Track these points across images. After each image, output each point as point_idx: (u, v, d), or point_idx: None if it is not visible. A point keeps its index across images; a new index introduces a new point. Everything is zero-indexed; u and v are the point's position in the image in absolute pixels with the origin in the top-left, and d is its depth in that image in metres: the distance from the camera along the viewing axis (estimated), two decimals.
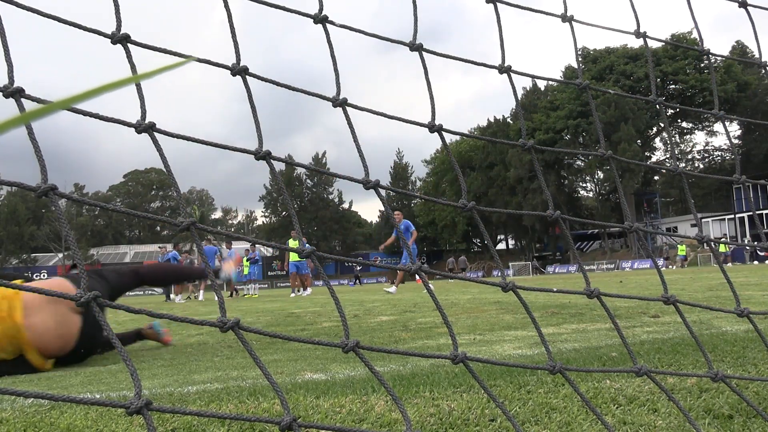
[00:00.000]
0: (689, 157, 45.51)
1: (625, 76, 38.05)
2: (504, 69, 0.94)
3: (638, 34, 1.09)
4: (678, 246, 29.85)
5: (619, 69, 38.29)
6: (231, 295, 13.57)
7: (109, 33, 0.55)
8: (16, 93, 0.47)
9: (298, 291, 12.29)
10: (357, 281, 35.42)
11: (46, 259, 44.93)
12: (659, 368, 1.51)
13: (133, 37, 0.61)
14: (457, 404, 1.19)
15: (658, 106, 1.08)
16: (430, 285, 0.82)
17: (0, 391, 0.50)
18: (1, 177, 0.49)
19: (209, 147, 0.63)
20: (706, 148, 45.74)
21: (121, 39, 0.55)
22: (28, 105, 0.47)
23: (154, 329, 2.91)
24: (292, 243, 12.48)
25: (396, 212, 10.38)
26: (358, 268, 37.59)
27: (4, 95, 0.46)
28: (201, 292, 12.84)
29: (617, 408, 1.17)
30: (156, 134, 0.58)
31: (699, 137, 52.65)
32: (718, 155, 44.84)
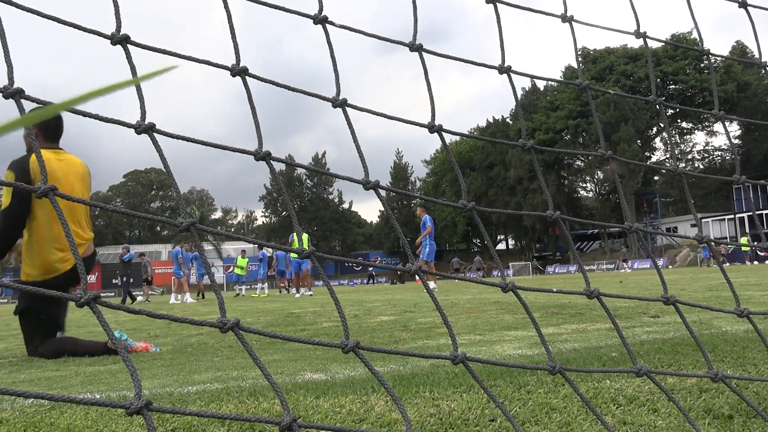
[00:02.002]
0: (689, 157, 45.49)
1: (625, 76, 38.06)
2: (504, 69, 0.94)
3: (638, 34, 1.09)
4: (700, 246, 29.05)
5: (619, 69, 38.30)
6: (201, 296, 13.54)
7: (109, 34, 0.55)
8: (16, 94, 0.47)
9: (297, 290, 12.30)
10: (371, 280, 35.28)
11: None
12: (659, 368, 1.51)
13: (133, 38, 0.61)
14: (457, 404, 1.19)
15: (658, 107, 1.08)
16: (430, 285, 0.82)
17: (0, 392, 0.50)
18: (2, 179, 0.49)
19: (209, 147, 0.63)
20: (706, 148, 45.74)
21: (120, 40, 0.54)
22: (28, 106, 0.47)
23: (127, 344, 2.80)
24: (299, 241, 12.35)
25: (419, 207, 10.70)
26: (371, 269, 37.64)
27: (3, 96, 0.46)
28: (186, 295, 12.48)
29: (617, 408, 1.18)
30: (156, 135, 0.58)
31: (699, 137, 52.66)
32: (718, 155, 44.84)
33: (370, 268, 37.21)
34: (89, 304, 0.54)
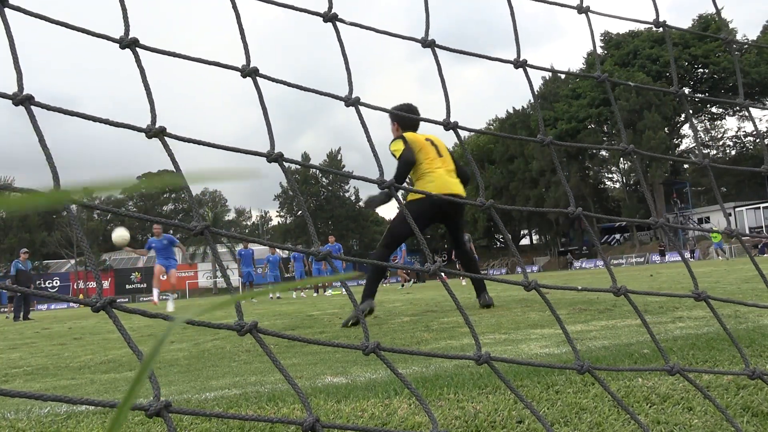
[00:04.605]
0: (720, 144, 43.83)
1: (650, 60, 36.87)
2: (519, 63, 0.91)
3: (657, 23, 1.04)
4: (711, 235, 26.94)
5: (644, 53, 37.08)
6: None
7: (118, 38, 0.54)
8: (26, 100, 0.46)
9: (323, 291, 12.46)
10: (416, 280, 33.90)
11: (59, 266, 44.69)
12: (693, 365, 1.45)
13: (145, 40, 0.60)
14: (483, 406, 1.16)
15: (682, 97, 1.03)
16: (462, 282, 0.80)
17: (19, 395, 0.51)
18: (15, 185, 0.50)
19: (219, 149, 0.63)
20: (738, 134, 43.93)
21: (129, 44, 0.54)
22: (38, 113, 0.47)
23: None
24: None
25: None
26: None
27: (14, 103, 0.46)
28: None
29: (650, 407, 1.13)
30: (167, 138, 0.58)
31: (731, 122, 50.69)
32: (750, 141, 43.05)
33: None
34: (105, 308, 0.54)
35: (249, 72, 0.63)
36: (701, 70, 37.47)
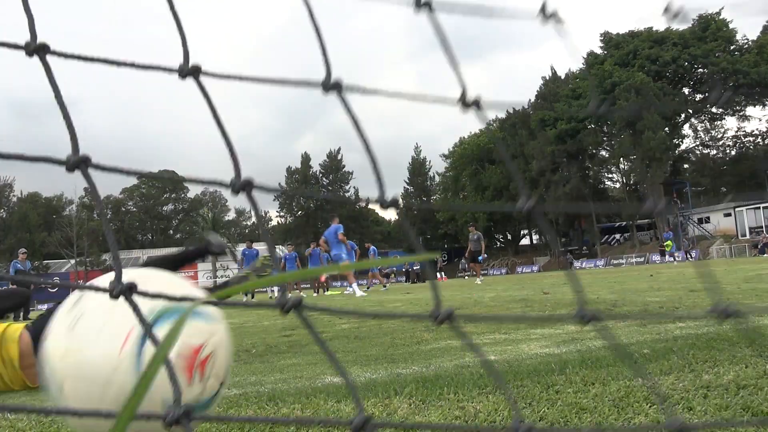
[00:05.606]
0: (720, 144, 43.80)
1: (650, 61, 36.87)
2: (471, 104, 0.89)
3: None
4: (665, 244, 25.46)
5: (644, 54, 37.08)
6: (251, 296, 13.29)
7: (23, 44, 0.48)
8: (40, 50, 0.44)
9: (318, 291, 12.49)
10: (417, 279, 33.23)
11: (58, 266, 44.47)
12: (693, 365, 1.45)
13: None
14: (483, 406, 1.16)
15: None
16: (476, 280, 0.80)
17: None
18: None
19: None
20: (737, 134, 43.87)
21: (38, 49, 0.46)
22: (61, 68, 0.44)
23: None
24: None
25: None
26: (416, 267, 36.54)
27: (27, 53, 0.44)
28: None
29: (650, 407, 1.13)
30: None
31: (730, 122, 50.51)
32: (750, 141, 43.02)
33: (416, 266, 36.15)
34: (124, 293, 0.52)
35: (189, 72, 0.52)
36: (701, 70, 37.44)
